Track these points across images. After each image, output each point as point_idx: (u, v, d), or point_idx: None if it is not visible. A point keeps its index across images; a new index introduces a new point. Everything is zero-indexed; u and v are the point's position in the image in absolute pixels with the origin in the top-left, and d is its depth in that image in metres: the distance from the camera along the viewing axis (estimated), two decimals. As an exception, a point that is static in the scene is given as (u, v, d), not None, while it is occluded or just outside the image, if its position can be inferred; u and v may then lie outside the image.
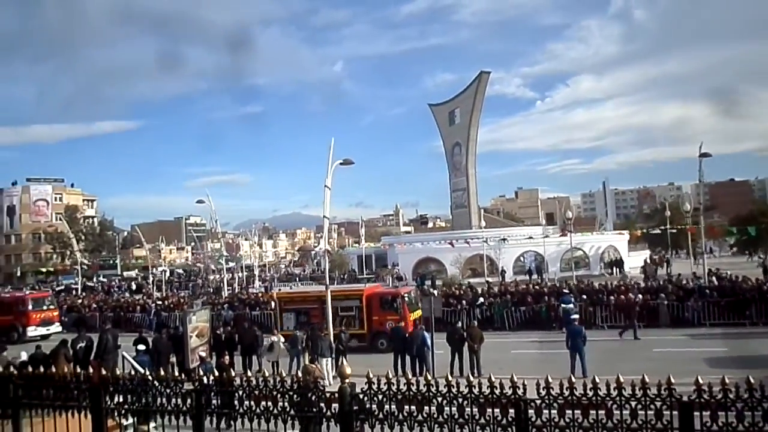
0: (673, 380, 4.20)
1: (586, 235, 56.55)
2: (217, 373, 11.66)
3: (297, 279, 62.85)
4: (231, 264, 75.50)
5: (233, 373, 5.04)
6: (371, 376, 4.52)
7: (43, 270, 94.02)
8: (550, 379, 4.24)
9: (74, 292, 55.13)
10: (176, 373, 14.77)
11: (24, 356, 14.32)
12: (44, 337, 28.66)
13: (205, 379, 4.87)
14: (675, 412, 4.13)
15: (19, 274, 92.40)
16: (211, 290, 51.92)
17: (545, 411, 4.21)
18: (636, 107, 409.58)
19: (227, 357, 18.90)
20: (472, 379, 4.45)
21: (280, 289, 35.40)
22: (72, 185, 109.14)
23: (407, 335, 19.66)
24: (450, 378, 4.46)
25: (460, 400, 4.30)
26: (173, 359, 18.57)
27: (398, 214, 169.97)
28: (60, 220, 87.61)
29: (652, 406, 4.10)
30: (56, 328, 31.35)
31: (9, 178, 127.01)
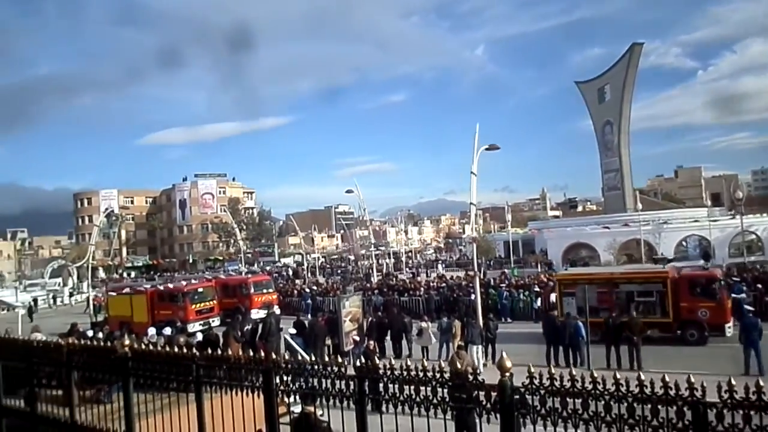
0: None
1: (760, 217, 51.09)
2: (366, 358, 12.05)
3: (442, 265, 63.19)
4: (378, 251, 77.61)
5: (382, 359, 5.17)
6: (532, 369, 4.40)
7: (212, 258, 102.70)
8: (733, 381, 3.86)
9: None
10: (333, 356, 15.53)
11: (199, 337, 15.80)
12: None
13: (367, 365, 5.01)
14: None
15: (191, 261, 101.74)
16: (361, 276, 53.68)
17: (728, 415, 3.85)
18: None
19: (372, 342, 19.43)
20: (643, 376, 4.16)
21: (566, 269, 32.81)
22: (233, 179, 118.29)
23: (559, 324, 18.97)
24: (615, 374, 4.20)
25: (630, 399, 4.04)
26: (329, 342, 19.50)
27: (545, 198, 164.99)
28: (224, 211, 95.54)
29: None
30: (276, 310, 30.39)
31: (181, 174, 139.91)
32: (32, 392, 7.87)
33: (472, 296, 25.86)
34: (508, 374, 4.45)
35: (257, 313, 28.66)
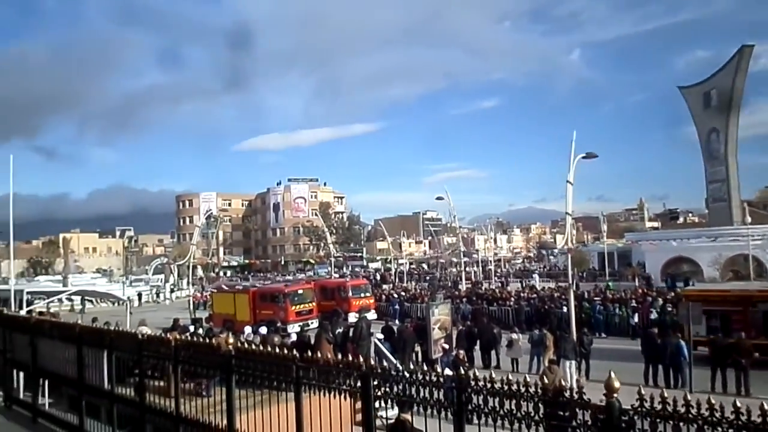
0: None
1: None
2: (454, 367, 11.94)
3: (533, 275, 61.73)
4: (466, 258, 76.91)
5: (472, 369, 5.10)
6: (643, 391, 4.18)
7: (303, 260, 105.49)
8: None
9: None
10: (421, 363, 15.53)
11: (293, 338, 16.25)
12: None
13: (468, 377, 4.96)
14: None
15: (283, 262, 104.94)
16: (449, 284, 53.38)
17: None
18: None
19: (462, 351, 19.21)
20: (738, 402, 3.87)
21: (667, 284, 31.67)
22: (325, 184, 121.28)
23: (659, 342, 18.02)
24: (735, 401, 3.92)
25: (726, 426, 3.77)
26: (417, 348, 19.48)
27: (642, 208, 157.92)
28: (315, 215, 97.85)
29: None
30: (372, 315, 30.62)
31: (275, 178, 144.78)
32: (142, 383, 8.32)
33: (564, 309, 25.14)
34: (616, 395, 4.26)
35: (354, 317, 27.30)
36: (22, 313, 17.18)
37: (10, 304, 23.33)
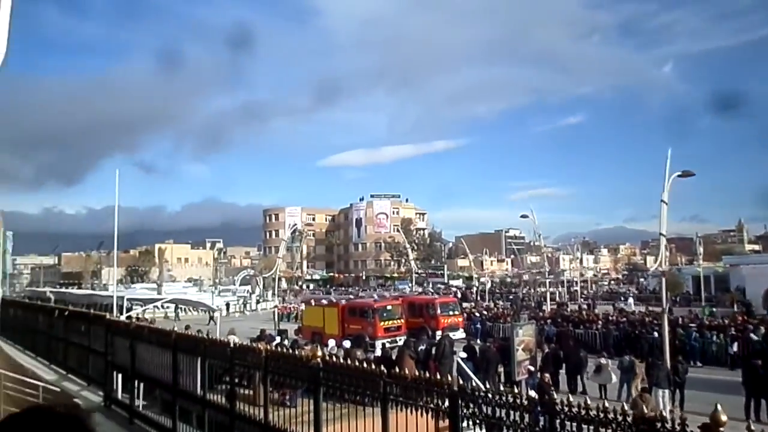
0: None
1: None
2: (539, 391, 11.58)
3: (622, 298, 59.29)
4: (550, 278, 74.95)
5: (557, 394, 4.93)
6: (753, 428, 3.92)
7: (384, 275, 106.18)
8: None
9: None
10: (505, 385, 15.22)
11: (378, 352, 16.38)
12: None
13: (561, 402, 4.82)
14: None
15: (364, 277, 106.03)
16: (532, 304, 52.15)
17: None
18: None
19: (547, 375, 18.67)
20: None
21: None
22: (406, 200, 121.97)
23: (763, 373, 16.80)
24: None
25: None
26: (500, 369, 19.10)
27: (742, 229, 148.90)
28: (397, 231, 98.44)
29: None
30: (460, 334, 30.15)
31: (358, 194, 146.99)
32: (233, 390, 8.61)
33: (656, 334, 23.98)
34: (722, 429, 4.02)
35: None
36: (122, 318, 18.18)
37: (111, 309, 24.78)
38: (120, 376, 12.81)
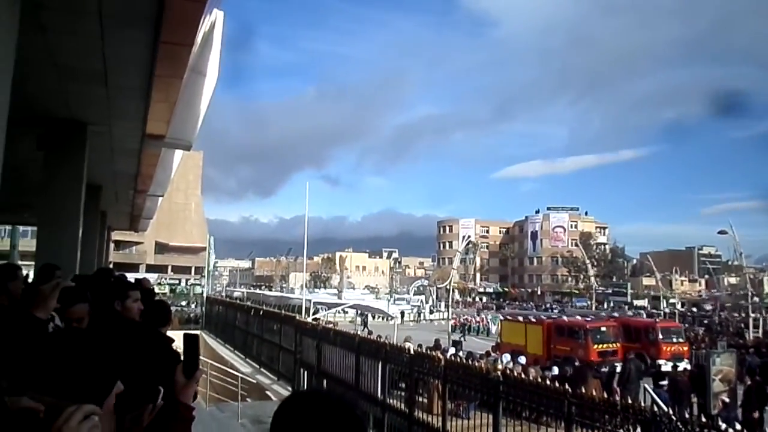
0: None
1: None
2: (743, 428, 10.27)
3: None
4: (753, 302, 66.96)
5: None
6: None
7: (560, 291, 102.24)
8: None
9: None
10: (698, 418, 13.82)
11: (554, 371, 15.78)
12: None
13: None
14: None
15: (539, 292, 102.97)
16: (731, 330, 46.98)
17: None
18: None
19: (756, 413, 16.63)
20: None
21: None
22: (586, 213, 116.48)
23: None
24: None
25: None
26: (694, 400, 17.46)
27: None
28: (575, 245, 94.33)
29: None
30: (685, 364, 26.14)
31: (534, 206, 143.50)
32: (412, 396, 8.83)
33: None
34: None
35: (665, 365, 24.35)
36: (309, 320, 19.49)
37: (299, 311, 26.65)
38: (306, 373, 13.75)
